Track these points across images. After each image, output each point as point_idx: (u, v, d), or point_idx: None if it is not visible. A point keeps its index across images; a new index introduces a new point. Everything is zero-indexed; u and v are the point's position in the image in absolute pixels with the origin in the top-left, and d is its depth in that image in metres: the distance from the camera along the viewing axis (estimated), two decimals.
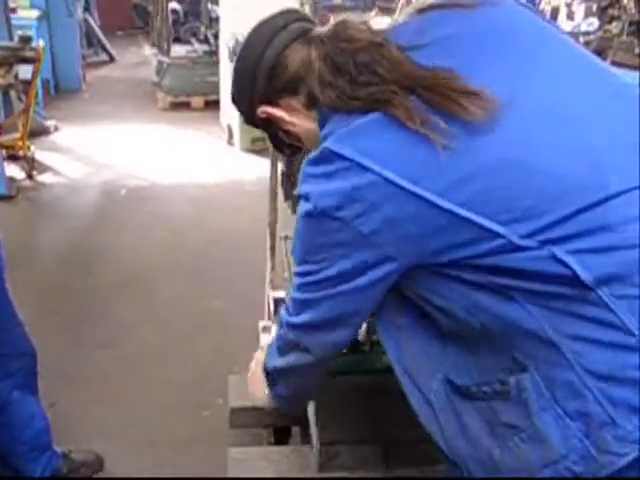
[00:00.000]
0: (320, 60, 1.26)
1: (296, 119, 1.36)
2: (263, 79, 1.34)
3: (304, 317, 1.33)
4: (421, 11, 1.27)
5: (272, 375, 1.55)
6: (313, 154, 1.19)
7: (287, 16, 1.38)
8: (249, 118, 1.43)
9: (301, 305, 1.32)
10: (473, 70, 1.15)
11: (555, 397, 1.10)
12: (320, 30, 1.31)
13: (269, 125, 1.41)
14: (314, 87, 1.27)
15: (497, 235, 1.08)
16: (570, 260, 1.06)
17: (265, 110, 1.38)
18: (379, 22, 1.31)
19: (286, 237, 2.07)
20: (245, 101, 1.41)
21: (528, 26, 1.26)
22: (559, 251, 1.07)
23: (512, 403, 1.16)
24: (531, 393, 1.13)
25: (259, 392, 1.68)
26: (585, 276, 1.06)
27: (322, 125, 1.26)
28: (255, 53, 1.34)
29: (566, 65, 1.22)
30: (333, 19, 1.34)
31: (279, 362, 1.49)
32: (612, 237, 1.07)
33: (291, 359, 1.44)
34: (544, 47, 1.23)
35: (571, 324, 1.09)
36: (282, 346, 1.46)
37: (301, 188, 1.20)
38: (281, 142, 1.46)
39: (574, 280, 1.06)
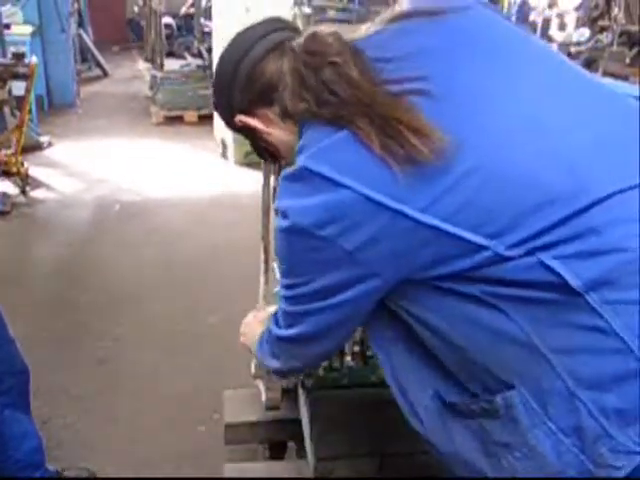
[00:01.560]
0: (290, 73, 1.25)
1: (272, 129, 1.36)
2: (239, 89, 1.34)
3: (292, 331, 1.32)
4: (393, 20, 1.27)
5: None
6: (290, 170, 1.18)
7: (267, 26, 1.37)
8: (229, 125, 1.43)
9: (290, 318, 1.31)
10: (449, 80, 1.14)
11: (547, 413, 1.09)
12: (296, 41, 1.30)
13: (248, 133, 1.41)
14: (285, 99, 1.27)
15: (483, 247, 1.08)
16: (558, 266, 1.05)
17: (241, 119, 1.38)
18: (354, 29, 1.30)
19: None
20: (224, 109, 1.41)
21: (500, 32, 1.26)
22: (546, 258, 1.06)
23: (502, 421, 1.15)
24: (520, 410, 1.11)
25: (250, 343, 1.70)
26: (574, 282, 1.05)
27: (300, 137, 1.25)
28: (232, 62, 1.35)
29: (543, 71, 1.21)
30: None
31: (269, 361, 1.50)
32: (598, 241, 1.05)
33: (280, 362, 1.46)
34: (519, 53, 1.23)
35: (560, 333, 1.07)
36: (269, 351, 1.47)
37: (279, 203, 1.19)
38: (261, 149, 1.45)
39: (563, 286, 1.05)
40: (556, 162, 1.09)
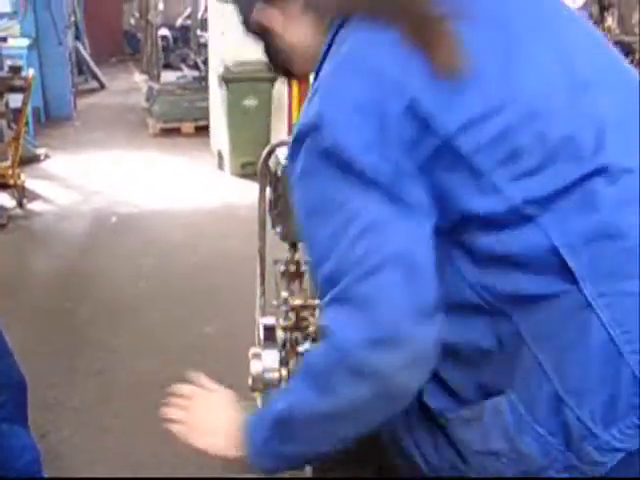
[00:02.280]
0: None
1: (289, 27, 1.29)
2: None
3: (364, 323, 1.06)
4: None
5: (283, 427, 1.20)
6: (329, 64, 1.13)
7: None
8: (245, 24, 1.36)
9: (353, 309, 1.07)
10: (493, 18, 1.13)
11: (535, 417, 1.09)
12: None
13: (263, 35, 1.34)
14: None
15: (497, 190, 1.07)
16: (559, 242, 1.06)
17: (258, 17, 1.30)
18: None
19: (276, 262, 2.07)
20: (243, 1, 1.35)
21: None
22: (550, 227, 1.06)
23: (484, 429, 1.14)
24: (508, 416, 1.11)
25: (213, 444, 1.35)
26: (572, 262, 1.05)
27: (329, 39, 1.19)
28: None
29: (580, 35, 1.21)
30: None
31: (319, 405, 1.13)
32: (601, 222, 1.07)
33: (343, 395, 1.10)
34: (558, 12, 1.23)
35: (552, 330, 1.08)
36: (326, 382, 1.12)
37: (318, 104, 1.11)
38: (275, 59, 1.38)
39: (561, 269, 1.06)
40: (590, 122, 1.10)
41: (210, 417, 1.39)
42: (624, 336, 1.05)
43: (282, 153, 1.94)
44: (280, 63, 1.38)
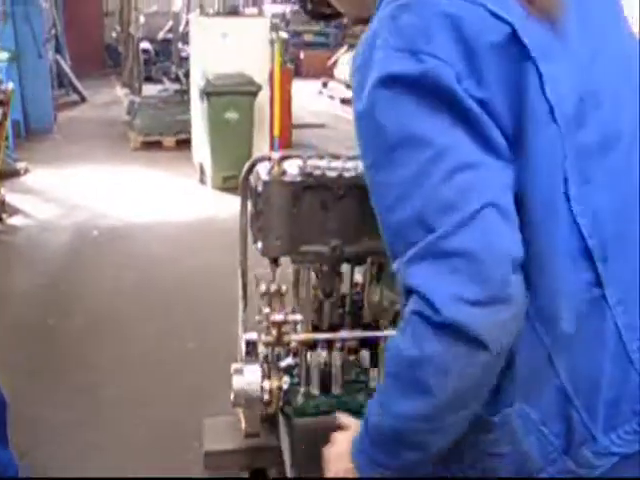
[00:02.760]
0: None
1: None
2: None
3: (471, 280, 0.94)
4: None
5: (386, 445, 1.10)
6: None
7: None
8: None
9: (456, 264, 0.95)
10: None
11: (543, 420, 1.08)
12: None
13: None
14: None
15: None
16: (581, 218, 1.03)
17: None
18: None
19: (257, 279, 2.07)
20: None
21: None
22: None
23: (495, 435, 1.11)
24: (518, 422, 1.09)
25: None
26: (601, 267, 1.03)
27: None
28: None
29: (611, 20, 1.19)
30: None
31: (421, 409, 1.02)
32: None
33: (443, 388, 0.99)
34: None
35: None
36: (426, 377, 0.99)
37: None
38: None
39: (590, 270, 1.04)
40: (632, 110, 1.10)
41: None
42: (636, 343, 1.06)
43: (263, 168, 1.94)
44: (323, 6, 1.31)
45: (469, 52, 0.98)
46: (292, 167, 1.91)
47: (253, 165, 2.04)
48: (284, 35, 7.40)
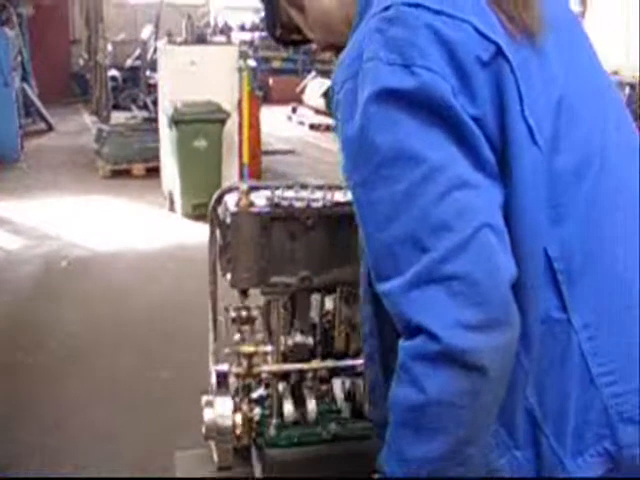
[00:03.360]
0: None
1: None
2: None
3: (470, 305, 0.93)
4: None
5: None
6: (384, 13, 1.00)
7: None
8: None
9: (454, 288, 0.93)
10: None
11: (516, 443, 1.08)
12: None
13: None
14: None
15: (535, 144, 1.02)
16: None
17: None
18: None
19: (227, 309, 2.06)
20: None
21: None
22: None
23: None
24: (492, 443, 1.08)
25: None
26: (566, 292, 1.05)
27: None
28: None
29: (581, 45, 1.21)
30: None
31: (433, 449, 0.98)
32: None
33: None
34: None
35: (538, 353, 1.06)
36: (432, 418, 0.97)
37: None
38: (280, 20, 1.32)
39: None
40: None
41: None
42: (599, 368, 1.06)
43: (231, 199, 1.94)
44: (288, 28, 1.32)
45: (460, 68, 0.98)
46: (260, 198, 1.91)
47: (221, 196, 2.03)
48: (252, 63, 7.44)
